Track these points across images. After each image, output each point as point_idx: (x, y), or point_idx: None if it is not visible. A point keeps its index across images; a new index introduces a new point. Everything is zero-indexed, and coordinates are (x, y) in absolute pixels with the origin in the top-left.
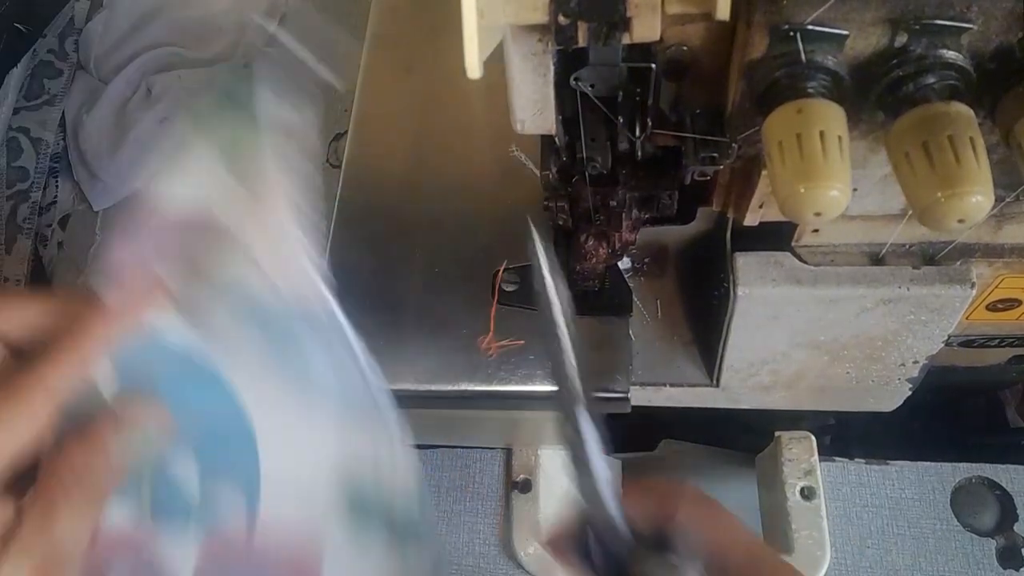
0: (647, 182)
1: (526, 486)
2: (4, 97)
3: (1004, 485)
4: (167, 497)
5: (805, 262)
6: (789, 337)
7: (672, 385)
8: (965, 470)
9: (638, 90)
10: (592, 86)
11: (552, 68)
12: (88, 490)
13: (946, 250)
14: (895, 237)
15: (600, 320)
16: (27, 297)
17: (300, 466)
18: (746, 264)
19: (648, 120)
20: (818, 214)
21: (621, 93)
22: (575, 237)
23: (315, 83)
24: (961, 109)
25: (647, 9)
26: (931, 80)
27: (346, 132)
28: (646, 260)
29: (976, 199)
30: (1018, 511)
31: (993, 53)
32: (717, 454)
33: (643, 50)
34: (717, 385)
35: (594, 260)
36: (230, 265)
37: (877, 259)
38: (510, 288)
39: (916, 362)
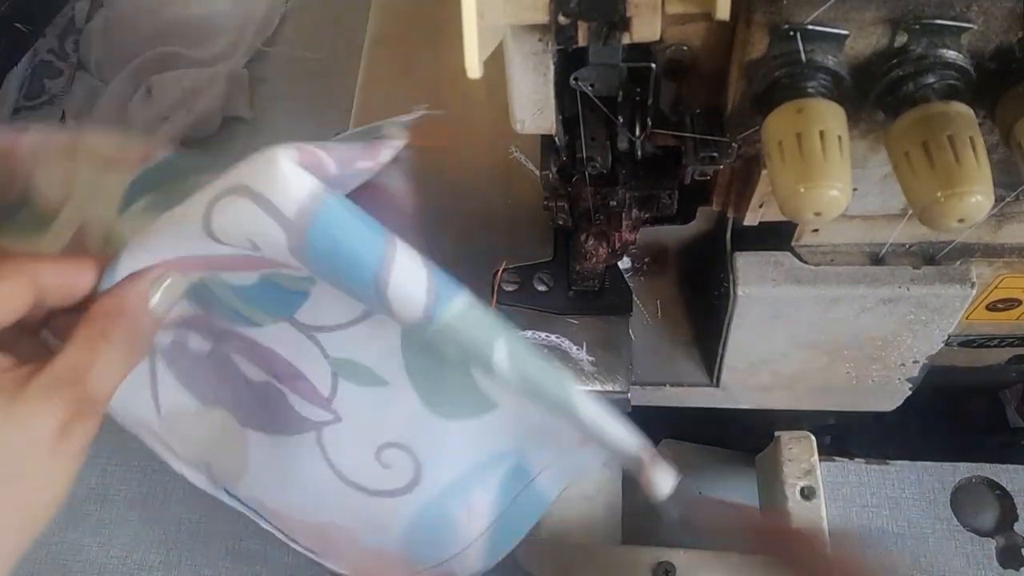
0: (647, 182)
1: None
2: (4, 97)
3: (1004, 485)
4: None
5: (805, 262)
6: (789, 337)
7: (672, 385)
8: (965, 470)
9: (638, 90)
10: (592, 86)
11: (552, 68)
12: (127, 332)
13: (946, 250)
14: (895, 237)
15: (600, 320)
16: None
17: None
18: (746, 264)
19: (648, 120)
20: (818, 214)
21: (621, 93)
22: (575, 237)
23: (315, 83)
24: (961, 109)
25: (647, 9)
26: (931, 80)
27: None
28: (646, 260)
29: (976, 199)
30: (1018, 511)
31: (993, 53)
32: (717, 454)
33: (643, 50)
34: (717, 385)
35: (594, 260)
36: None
37: (877, 259)
38: (510, 288)
39: (916, 362)
